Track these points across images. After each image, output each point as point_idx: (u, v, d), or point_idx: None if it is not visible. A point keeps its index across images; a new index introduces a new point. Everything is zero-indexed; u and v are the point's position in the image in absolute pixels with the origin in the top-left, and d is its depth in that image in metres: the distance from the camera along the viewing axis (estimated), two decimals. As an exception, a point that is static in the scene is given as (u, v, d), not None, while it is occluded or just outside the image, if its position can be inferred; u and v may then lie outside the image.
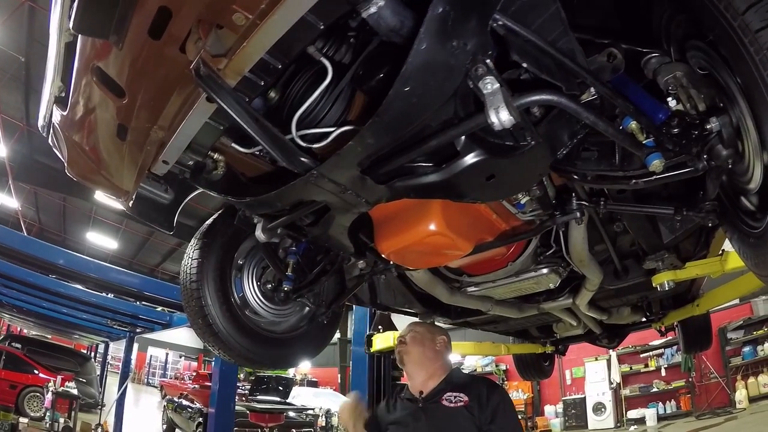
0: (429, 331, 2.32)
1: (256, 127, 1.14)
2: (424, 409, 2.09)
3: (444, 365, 2.23)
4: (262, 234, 1.81)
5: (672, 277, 2.43)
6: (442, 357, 2.25)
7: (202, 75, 1.05)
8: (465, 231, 1.70)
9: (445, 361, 2.25)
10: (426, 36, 0.92)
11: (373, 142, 1.13)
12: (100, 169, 1.65)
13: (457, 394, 2.05)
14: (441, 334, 2.32)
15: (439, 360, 2.22)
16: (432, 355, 2.23)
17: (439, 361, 2.22)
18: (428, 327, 2.37)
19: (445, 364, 2.24)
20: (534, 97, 1.08)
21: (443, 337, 2.30)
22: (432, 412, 2.06)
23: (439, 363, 2.22)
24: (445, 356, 2.27)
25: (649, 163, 1.28)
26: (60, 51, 1.30)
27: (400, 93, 1.00)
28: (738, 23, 0.99)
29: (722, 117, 1.26)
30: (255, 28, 0.97)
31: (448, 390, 2.08)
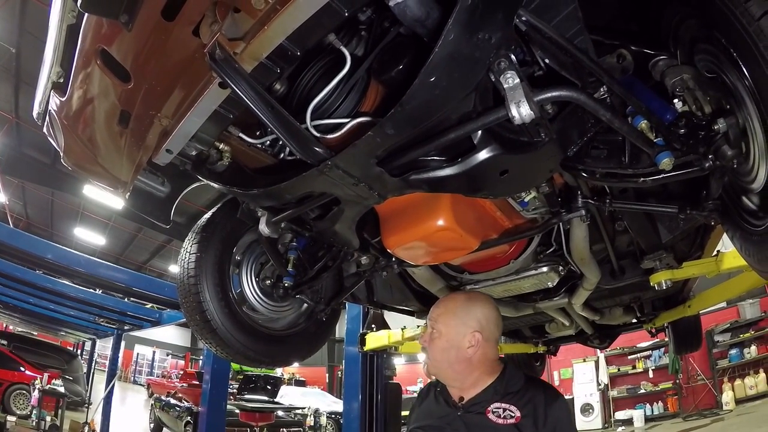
0: (457, 324, 1.66)
1: (270, 115, 1.13)
2: (464, 419, 1.62)
3: (488, 368, 1.67)
4: (267, 228, 1.80)
5: (669, 277, 2.46)
6: (482, 359, 1.65)
7: (217, 59, 1.04)
8: (472, 227, 1.71)
9: (488, 363, 1.67)
10: (455, 26, 0.93)
11: (393, 133, 1.13)
12: (98, 159, 1.62)
13: (507, 407, 1.58)
14: (474, 326, 1.65)
15: (478, 367, 1.65)
16: (464, 367, 1.65)
17: (479, 368, 1.65)
18: (455, 316, 1.69)
19: (489, 365, 1.67)
20: (554, 93, 1.10)
21: (476, 333, 1.64)
22: (474, 426, 1.60)
23: (480, 370, 1.65)
24: (488, 355, 1.66)
25: (659, 161, 1.30)
26: (61, 34, 1.26)
27: (425, 83, 1.00)
28: (753, 29, 1.03)
29: (729, 118, 1.29)
30: (276, 12, 0.96)
31: (496, 399, 1.60)
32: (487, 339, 1.65)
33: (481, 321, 1.66)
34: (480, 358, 1.64)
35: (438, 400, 1.73)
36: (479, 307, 1.69)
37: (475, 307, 1.69)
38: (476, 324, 1.65)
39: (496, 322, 1.71)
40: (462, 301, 1.72)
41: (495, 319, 1.71)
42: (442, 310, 1.72)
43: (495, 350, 1.69)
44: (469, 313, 1.67)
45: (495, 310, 1.72)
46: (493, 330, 1.70)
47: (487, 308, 1.70)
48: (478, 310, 1.68)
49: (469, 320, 1.66)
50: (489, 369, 1.66)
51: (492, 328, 1.69)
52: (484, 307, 1.70)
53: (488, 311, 1.69)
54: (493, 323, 1.70)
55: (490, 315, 1.69)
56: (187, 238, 2.31)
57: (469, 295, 1.78)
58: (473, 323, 1.65)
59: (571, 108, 1.23)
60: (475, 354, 1.63)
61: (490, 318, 1.68)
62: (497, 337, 1.74)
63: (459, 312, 1.68)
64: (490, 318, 1.68)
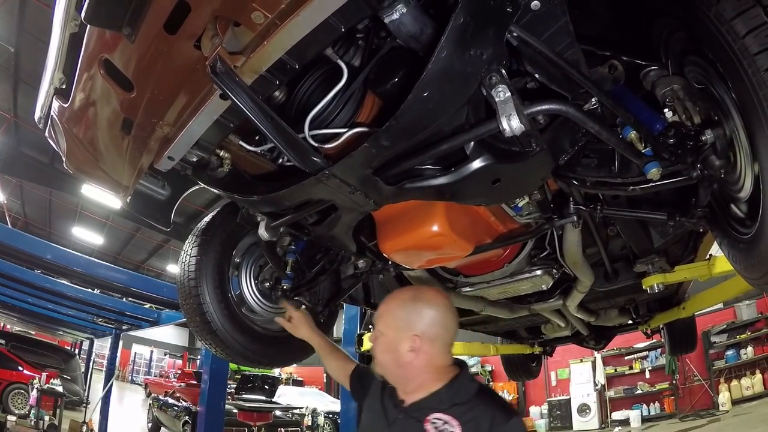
0: (397, 326, 1.49)
1: (270, 126, 1.17)
2: (402, 424, 1.48)
3: (434, 374, 1.47)
4: (266, 232, 1.83)
5: (662, 280, 2.49)
6: (426, 365, 1.46)
7: (218, 72, 1.07)
8: (466, 232, 1.74)
9: (434, 369, 1.48)
10: (447, 44, 0.96)
11: (388, 144, 1.17)
12: (100, 163, 1.65)
13: (447, 420, 1.38)
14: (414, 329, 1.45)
15: (420, 373, 1.47)
16: (404, 372, 1.49)
17: (422, 374, 1.47)
18: (395, 316, 1.52)
19: (436, 371, 1.48)
20: (544, 106, 1.13)
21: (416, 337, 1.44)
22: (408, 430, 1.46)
23: (424, 376, 1.47)
24: (433, 360, 1.47)
25: (648, 171, 1.33)
26: (64, 41, 1.28)
27: (418, 97, 1.04)
28: (737, 46, 1.06)
29: (717, 129, 1.32)
30: (276, 28, 1.00)
31: (439, 409, 1.41)
32: (432, 342, 1.45)
33: (424, 323, 1.46)
34: (423, 364, 1.46)
35: (390, 393, 1.58)
36: (423, 308, 1.48)
37: (417, 307, 1.48)
38: (417, 326, 1.45)
39: (444, 324, 1.48)
40: (405, 300, 1.53)
41: (442, 320, 1.48)
42: (384, 308, 1.57)
43: (444, 355, 1.49)
44: (410, 314, 1.48)
45: (444, 311, 1.50)
46: (440, 333, 1.47)
47: (434, 309, 1.48)
48: (422, 310, 1.48)
49: (409, 322, 1.47)
50: (435, 375, 1.47)
51: (438, 331, 1.47)
52: (430, 307, 1.48)
53: (435, 312, 1.48)
54: (440, 325, 1.47)
55: (436, 317, 1.47)
56: (187, 241, 2.35)
57: (414, 293, 1.57)
58: (414, 326, 1.46)
59: (562, 119, 1.26)
60: (417, 359, 1.45)
61: (435, 320, 1.47)
62: (447, 341, 1.50)
63: (399, 312, 1.50)
64: (435, 320, 1.47)
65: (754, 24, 1.03)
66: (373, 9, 0.99)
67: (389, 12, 0.99)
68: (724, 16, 1.08)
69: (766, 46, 1.01)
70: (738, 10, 1.06)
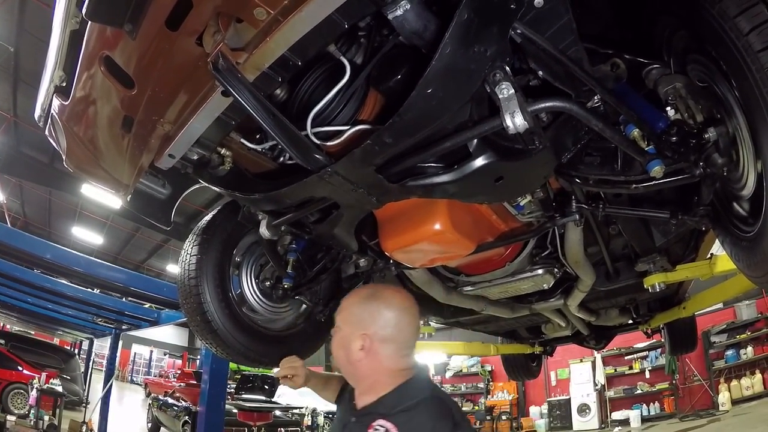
0: (351, 322, 1.46)
1: (272, 123, 1.16)
2: (353, 426, 1.43)
3: (386, 376, 1.40)
4: (267, 231, 1.83)
5: (663, 279, 2.50)
6: (377, 366, 1.40)
7: (220, 68, 1.06)
8: (469, 231, 1.74)
9: (386, 372, 1.40)
10: (451, 40, 0.96)
11: (391, 141, 1.16)
12: (100, 162, 1.64)
13: (389, 428, 1.30)
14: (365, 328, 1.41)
15: (371, 375, 1.42)
16: (355, 371, 1.45)
17: (373, 376, 1.41)
18: (350, 313, 1.48)
19: (387, 374, 1.40)
20: (547, 104, 1.13)
21: (366, 336, 1.40)
22: None
23: (374, 378, 1.41)
24: (384, 362, 1.40)
25: (651, 169, 1.33)
26: (64, 39, 1.28)
27: (422, 94, 1.04)
28: (741, 43, 1.06)
29: (719, 127, 1.32)
30: (278, 24, 1.00)
31: (381, 416, 1.33)
32: (383, 343, 1.39)
33: (376, 323, 1.40)
34: (373, 365, 1.40)
35: (350, 394, 1.54)
36: (378, 307, 1.42)
37: (372, 306, 1.43)
38: (369, 326, 1.40)
39: (398, 326, 1.41)
40: (362, 297, 1.49)
41: (397, 322, 1.41)
42: (344, 303, 1.52)
43: (398, 358, 1.41)
44: (363, 312, 1.43)
45: (400, 312, 1.42)
46: (395, 334, 1.40)
47: (390, 309, 1.42)
48: (376, 310, 1.42)
49: (362, 320, 1.42)
50: (387, 378, 1.39)
51: (391, 333, 1.40)
52: (386, 307, 1.42)
53: (390, 313, 1.41)
54: (394, 326, 1.40)
55: (390, 318, 1.40)
56: (187, 240, 2.34)
57: (373, 291, 1.51)
58: (366, 324, 1.41)
59: (565, 116, 1.26)
60: (366, 358, 1.39)
61: (389, 321, 1.40)
62: (402, 343, 1.42)
63: (355, 309, 1.46)
64: (389, 321, 1.40)
65: (758, 21, 1.03)
66: (377, 5, 0.99)
67: (393, 8, 0.98)
68: (728, 13, 1.09)
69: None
70: (741, 8, 1.06)
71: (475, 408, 16.80)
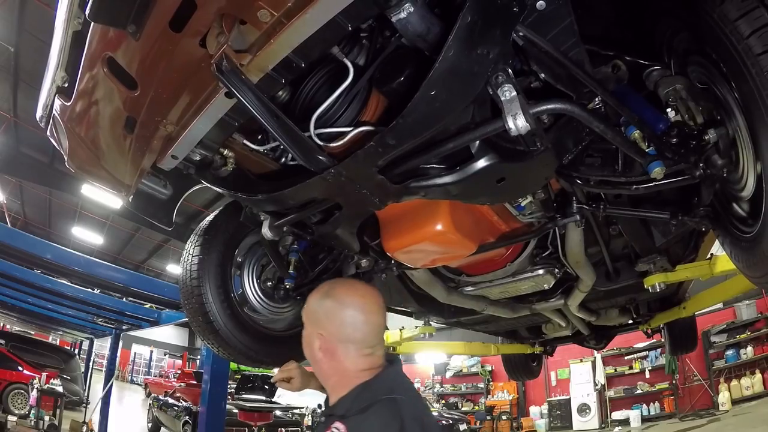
0: (310, 320, 1.40)
1: (276, 124, 1.17)
2: (321, 426, 1.36)
3: (346, 377, 1.32)
4: (269, 231, 1.83)
5: (663, 280, 2.50)
6: (336, 366, 1.34)
7: (223, 70, 1.07)
8: (470, 231, 1.75)
9: (345, 372, 1.33)
10: (454, 42, 0.98)
11: (394, 143, 1.17)
12: (102, 162, 1.65)
13: (342, 430, 1.23)
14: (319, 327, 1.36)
15: (332, 374, 1.36)
16: (318, 369, 1.40)
17: (335, 376, 1.35)
18: (309, 309, 1.41)
19: (347, 375, 1.32)
20: (549, 105, 1.14)
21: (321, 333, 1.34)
22: None
23: (336, 378, 1.35)
24: (343, 362, 1.33)
25: (651, 170, 1.34)
26: (66, 40, 1.27)
27: (425, 96, 1.04)
28: (741, 46, 1.07)
29: (719, 129, 1.33)
30: (283, 26, 1.00)
31: (338, 418, 1.27)
32: (341, 343, 1.32)
33: (332, 322, 1.34)
34: (333, 365, 1.34)
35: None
36: (333, 306, 1.35)
37: (327, 304, 1.36)
38: (325, 325, 1.34)
39: (354, 324, 1.32)
40: (319, 294, 1.40)
41: (353, 320, 1.33)
42: (307, 301, 1.43)
43: (358, 357, 1.32)
44: (319, 311, 1.37)
45: (356, 310, 1.33)
46: (351, 334, 1.32)
47: (345, 308, 1.34)
48: (331, 308, 1.35)
49: (318, 320, 1.37)
50: (348, 379, 1.32)
51: (349, 332, 1.32)
52: (341, 306, 1.34)
53: (345, 311, 1.33)
54: (349, 325, 1.32)
55: (345, 316, 1.33)
56: (189, 240, 2.35)
57: (328, 289, 1.41)
58: (322, 324, 1.35)
59: (566, 118, 1.27)
60: (326, 358, 1.34)
61: (344, 320, 1.33)
62: (361, 342, 1.33)
63: (313, 307, 1.39)
64: (344, 320, 1.33)
65: (759, 24, 1.04)
66: (381, 8, 1.00)
67: (396, 11, 0.99)
68: (729, 16, 1.10)
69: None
70: (742, 11, 1.07)
71: (476, 408, 16.83)
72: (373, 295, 1.38)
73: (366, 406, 1.22)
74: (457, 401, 17.62)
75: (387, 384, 1.30)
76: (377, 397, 1.24)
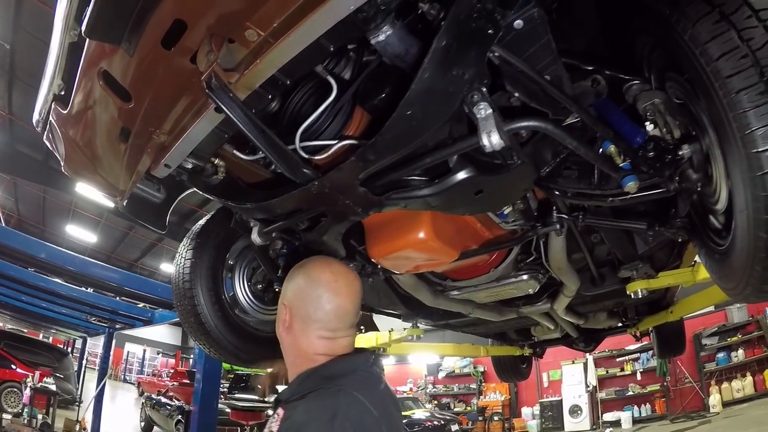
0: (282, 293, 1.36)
1: (262, 139, 1.21)
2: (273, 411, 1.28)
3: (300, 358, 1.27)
4: (259, 237, 1.88)
5: (645, 286, 2.55)
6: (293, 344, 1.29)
7: (213, 87, 1.11)
8: (452, 239, 1.79)
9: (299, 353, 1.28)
10: (430, 65, 1.01)
11: (374, 158, 1.22)
12: (98, 168, 1.68)
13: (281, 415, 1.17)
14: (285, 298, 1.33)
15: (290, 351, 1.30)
16: (281, 344, 1.33)
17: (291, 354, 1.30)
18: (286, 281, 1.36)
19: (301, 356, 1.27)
20: (522, 123, 1.17)
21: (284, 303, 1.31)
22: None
23: (291, 357, 1.30)
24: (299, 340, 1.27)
25: (625, 185, 1.38)
26: (63, 50, 1.30)
27: (402, 116, 1.09)
28: (710, 68, 1.10)
29: (694, 144, 1.37)
30: (269, 46, 1.04)
31: (282, 402, 1.24)
32: (299, 319, 1.27)
33: (296, 294, 1.30)
34: (290, 341, 1.29)
35: None
36: (299, 278, 1.32)
37: (297, 275, 1.33)
38: (288, 297, 1.32)
39: (317, 302, 1.26)
40: (297, 266, 1.37)
41: (316, 297, 1.26)
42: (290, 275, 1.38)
43: (315, 339, 1.26)
44: (289, 282, 1.34)
45: (322, 288, 1.27)
46: (312, 312, 1.26)
47: (311, 283, 1.29)
48: (296, 280, 1.32)
49: (286, 289, 1.34)
50: (301, 360, 1.27)
51: (310, 310, 1.26)
52: (307, 280, 1.30)
53: (310, 287, 1.28)
54: (311, 302, 1.26)
55: (309, 292, 1.27)
56: (182, 244, 2.40)
57: (305, 262, 1.37)
58: (287, 294, 1.32)
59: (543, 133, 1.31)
60: (285, 332, 1.30)
61: (307, 296, 1.27)
62: (320, 323, 1.26)
63: (289, 277, 1.36)
64: (307, 296, 1.27)
65: (727, 48, 1.07)
66: (361, 31, 1.04)
67: (375, 33, 1.03)
68: (699, 39, 1.12)
69: (737, 70, 1.05)
70: (712, 34, 1.10)
71: (468, 408, 16.89)
72: (347, 277, 1.31)
73: (304, 394, 1.16)
74: (450, 402, 17.69)
75: (336, 373, 1.21)
76: (318, 386, 1.17)
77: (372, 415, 1.11)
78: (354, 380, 1.19)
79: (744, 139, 1.04)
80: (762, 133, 1.01)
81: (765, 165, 1.02)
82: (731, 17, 1.09)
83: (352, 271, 1.36)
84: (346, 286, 1.29)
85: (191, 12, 1.04)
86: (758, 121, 1.02)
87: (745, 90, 1.03)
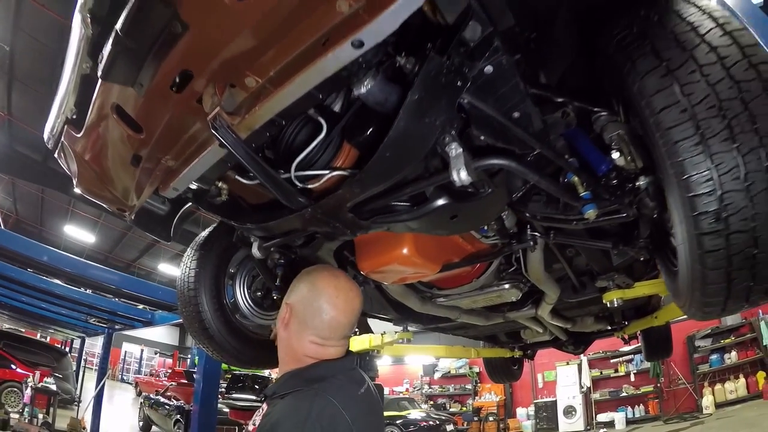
0: (294, 284, 1.47)
1: (261, 172, 1.38)
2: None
3: (290, 357, 1.39)
4: (258, 252, 2.04)
5: (620, 296, 2.71)
6: (287, 343, 1.39)
7: (217, 127, 1.26)
8: (433, 255, 1.96)
9: (290, 352, 1.39)
10: (404, 114, 1.16)
11: (359, 190, 1.39)
12: (109, 187, 1.81)
13: (264, 410, 1.33)
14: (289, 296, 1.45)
15: (282, 349, 1.42)
16: (278, 337, 1.44)
17: (282, 351, 1.42)
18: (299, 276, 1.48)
19: (292, 355, 1.38)
20: (489, 161, 1.33)
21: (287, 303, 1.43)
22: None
23: (282, 354, 1.42)
24: (291, 340, 1.38)
25: (585, 212, 1.53)
26: (76, 79, 1.40)
27: (383, 156, 1.25)
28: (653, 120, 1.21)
29: (649, 176, 1.49)
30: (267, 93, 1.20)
31: (267, 398, 1.37)
32: (297, 319, 1.38)
33: (297, 296, 1.42)
34: (284, 336, 1.40)
35: None
36: (306, 284, 1.43)
37: (304, 279, 1.45)
38: (291, 296, 1.44)
39: (315, 311, 1.37)
40: (309, 269, 1.49)
41: (315, 306, 1.37)
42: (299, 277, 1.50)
43: (306, 342, 1.36)
44: (296, 282, 1.47)
45: (323, 296, 1.38)
46: (307, 316, 1.37)
47: (314, 289, 1.40)
48: (303, 285, 1.43)
49: (292, 288, 1.46)
50: (290, 357, 1.38)
51: (305, 312, 1.37)
52: (311, 285, 1.41)
53: (311, 294, 1.39)
54: (309, 308, 1.37)
55: (310, 298, 1.38)
56: (186, 254, 2.56)
57: (316, 268, 1.49)
58: (290, 294, 1.45)
59: None
60: (282, 329, 1.41)
61: (308, 302, 1.38)
62: (314, 329, 1.36)
63: (296, 281, 1.47)
64: (308, 302, 1.38)
65: (669, 102, 1.18)
66: (345, 84, 1.20)
67: (358, 85, 1.18)
68: (645, 91, 1.23)
69: (676, 123, 1.17)
70: (657, 88, 1.21)
71: (463, 409, 17.03)
72: (348, 294, 1.41)
73: (285, 394, 1.28)
74: (445, 402, 17.83)
75: (316, 376, 1.30)
76: (297, 387, 1.28)
77: (344, 419, 1.21)
78: (332, 384, 1.29)
79: (680, 184, 1.17)
80: (695, 179, 1.14)
81: (698, 207, 1.15)
82: (676, 72, 1.19)
83: (355, 288, 1.46)
84: (345, 302, 1.39)
85: (197, 63, 1.19)
86: (692, 169, 1.14)
87: (682, 141, 1.15)
